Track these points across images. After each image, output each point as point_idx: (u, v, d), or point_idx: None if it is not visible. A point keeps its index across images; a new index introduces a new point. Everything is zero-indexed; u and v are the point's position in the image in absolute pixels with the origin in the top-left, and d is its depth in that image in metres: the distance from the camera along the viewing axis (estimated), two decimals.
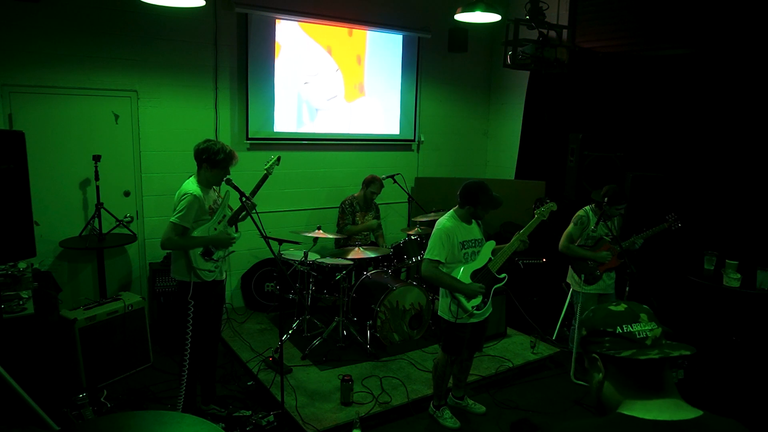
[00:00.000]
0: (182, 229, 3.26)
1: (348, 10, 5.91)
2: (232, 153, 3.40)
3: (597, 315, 1.33)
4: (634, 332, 1.25)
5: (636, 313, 1.28)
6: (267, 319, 5.39)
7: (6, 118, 4.43)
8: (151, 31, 4.94)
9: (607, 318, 1.29)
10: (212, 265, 3.40)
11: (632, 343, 1.25)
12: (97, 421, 2.94)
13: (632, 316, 1.28)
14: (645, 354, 1.21)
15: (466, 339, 3.56)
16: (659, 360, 1.21)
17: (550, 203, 3.67)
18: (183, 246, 3.32)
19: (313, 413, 3.61)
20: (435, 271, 3.42)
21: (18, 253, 3.06)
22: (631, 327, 1.26)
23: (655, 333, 1.26)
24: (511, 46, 4.97)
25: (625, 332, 1.26)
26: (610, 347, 1.27)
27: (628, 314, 1.28)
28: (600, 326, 1.30)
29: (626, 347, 1.24)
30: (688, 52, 5.03)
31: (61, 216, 4.74)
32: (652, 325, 1.27)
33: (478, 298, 3.48)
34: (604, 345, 1.28)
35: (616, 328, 1.27)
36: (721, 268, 4.37)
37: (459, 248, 3.45)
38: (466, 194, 3.45)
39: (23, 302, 3.44)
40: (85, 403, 3.41)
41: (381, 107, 6.38)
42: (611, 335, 1.27)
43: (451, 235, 3.41)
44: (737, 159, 4.74)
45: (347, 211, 5.45)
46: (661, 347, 1.24)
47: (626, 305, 1.31)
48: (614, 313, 1.30)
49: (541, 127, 6.31)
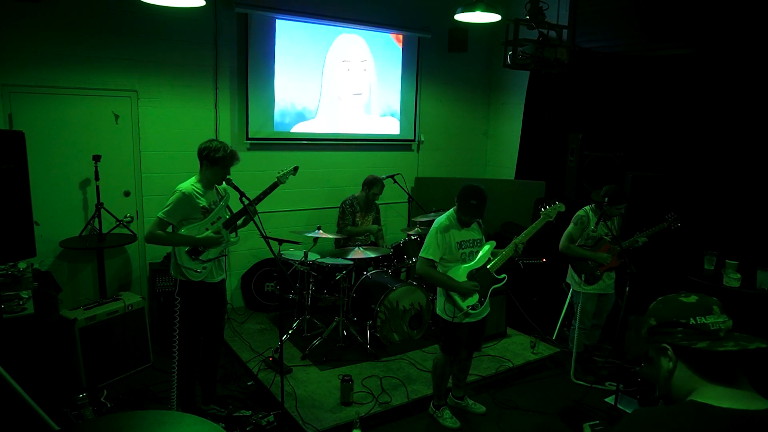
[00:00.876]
0: (167, 224, 3.26)
1: (348, 10, 5.91)
2: (233, 152, 3.39)
3: (667, 306, 1.32)
4: (708, 323, 1.24)
5: (708, 305, 1.27)
6: (267, 319, 5.39)
7: (6, 118, 4.43)
8: (151, 31, 4.94)
9: (680, 309, 1.28)
10: (199, 266, 3.35)
11: (706, 334, 1.24)
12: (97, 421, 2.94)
13: (705, 308, 1.26)
14: (722, 346, 1.21)
15: (464, 339, 3.56)
16: (736, 352, 1.20)
17: (558, 204, 3.63)
18: (166, 242, 3.31)
19: (313, 413, 3.61)
20: (429, 269, 3.43)
21: (18, 253, 3.06)
22: (704, 318, 1.25)
23: (727, 325, 1.25)
24: (511, 46, 4.97)
25: (698, 323, 1.25)
26: (683, 338, 1.26)
27: (701, 306, 1.27)
28: (671, 317, 1.29)
29: (700, 338, 1.24)
30: (689, 52, 5.03)
31: (61, 216, 4.74)
32: (724, 317, 1.26)
33: (474, 297, 3.47)
34: (677, 336, 1.27)
35: (689, 319, 1.26)
36: (721, 268, 4.37)
37: (456, 248, 3.45)
38: (458, 197, 3.46)
39: (23, 302, 3.44)
40: (85, 403, 3.41)
41: (381, 107, 6.38)
42: (684, 326, 1.26)
43: (447, 234, 3.42)
44: (737, 159, 4.74)
45: (347, 212, 5.44)
46: (735, 339, 1.23)
47: (697, 297, 1.30)
48: (686, 304, 1.29)
49: (541, 127, 6.31)
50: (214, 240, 3.38)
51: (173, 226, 3.31)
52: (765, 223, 4.54)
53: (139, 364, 4.33)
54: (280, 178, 3.70)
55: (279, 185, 3.69)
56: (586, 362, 4.48)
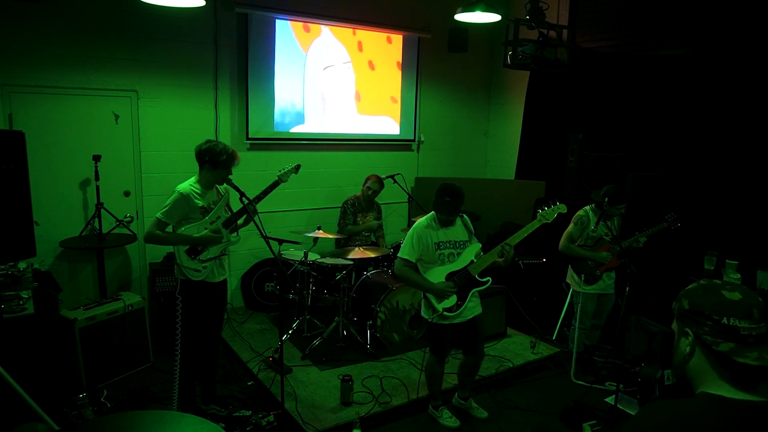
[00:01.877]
0: (164, 224, 3.27)
1: (348, 10, 5.91)
2: (234, 154, 3.39)
3: (707, 295, 1.25)
4: (740, 327, 1.19)
5: (749, 308, 1.20)
6: (267, 319, 5.39)
7: (6, 118, 4.43)
8: (151, 31, 4.94)
9: (718, 304, 1.22)
10: (199, 265, 3.35)
11: (734, 337, 1.19)
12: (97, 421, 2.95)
13: (745, 310, 1.20)
14: (743, 356, 1.17)
15: (449, 339, 3.55)
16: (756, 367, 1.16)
17: (559, 205, 3.43)
18: (164, 241, 3.32)
19: (313, 413, 3.61)
20: (404, 269, 3.44)
21: (18, 253, 3.06)
22: (738, 322, 1.19)
23: (760, 331, 1.19)
24: (511, 46, 4.96)
25: (730, 324, 1.19)
26: (709, 332, 1.22)
27: (742, 307, 1.20)
28: (707, 310, 1.23)
29: (726, 339, 1.20)
30: (688, 52, 5.03)
31: (61, 216, 4.74)
32: (762, 324, 1.20)
33: (451, 299, 3.41)
34: (704, 328, 1.23)
35: (723, 317, 1.20)
36: (721, 268, 4.37)
37: (434, 248, 3.43)
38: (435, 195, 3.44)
39: (23, 302, 3.44)
40: (85, 403, 3.41)
41: (381, 107, 6.38)
42: (715, 322, 1.21)
43: (423, 236, 3.42)
44: (737, 159, 4.74)
45: (349, 212, 5.45)
46: (761, 349, 1.18)
47: (741, 295, 1.22)
48: (727, 301, 1.22)
49: (541, 127, 6.31)
50: (212, 239, 3.37)
51: (172, 226, 3.31)
52: (765, 223, 4.54)
53: (139, 364, 4.33)
54: (282, 177, 3.69)
55: (280, 184, 3.68)
56: (586, 362, 4.48)
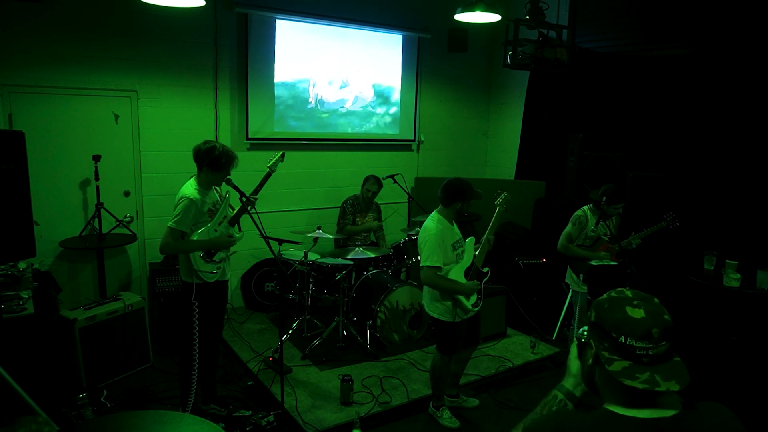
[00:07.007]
0: (179, 233, 3.26)
1: (348, 10, 5.91)
2: (233, 155, 3.40)
3: (612, 311, 1.25)
4: (636, 347, 1.19)
5: (649, 329, 1.19)
6: (267, 319, 5.39)
7: (6, 118, 4.43)
8: (151, 31, 4.94)
9: (619, 322, 1.22)
10: (213, 267, 3.40)
11: (629, 355, 1.20)
12: (97, 421, 2.95)
13: (643, 331, 1.19)
14: (632, 378, 1.17)
15: (463, 335, 3.60)
16: (641, 390, 1.17)
17: (503, 193, 3.74)
18: (182, 250, 3.33)
19: (313, 413, 3.61)
20: (435, 277, 3.41)
21: (18, 253, 3.06)
22: (635, 342, 1.19)
23: (658, 350, 1.19)
24: (511, 46, 4.96)
25: (627, 343, 1.20)
26: (607, 349, 1.24)
27: (642, 327, 1.20)
28: (607, 326, 1.24)
29: (622, 357, 1.21)
30: (688, 52, 5.03)
31: (61, 216, 4.74)
32: (660, 344, 1.19)
33: (474, 295, 3.53)
34: (603, 344, 1.25)
35: (621, 336, 1.21)
36: (721, 268, 4.37)
37: (451, 249, 3.47)
38: (454, 192, 3.46)
39: (23, 302, 3.44)
40: (85, 403, 3.41)
41: (381, 107, 6.38)
42: (614, 340, 1.22)
43: (444, 239, 3.44)
44: (737, 159, 4.74)
45: (348, 211, 5.45)
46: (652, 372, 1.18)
47: (645, 313, 1.21)
48: (628, 319, 1.21)
49: (541, 126, 6.31)
50: (226, 241, 3.43)
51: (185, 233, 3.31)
52: (765, 223, 4.54)
53: (139, 364, 4.33)
54: (272, 168, 3.68)
55: (272, 174, 3.67)
56: None
